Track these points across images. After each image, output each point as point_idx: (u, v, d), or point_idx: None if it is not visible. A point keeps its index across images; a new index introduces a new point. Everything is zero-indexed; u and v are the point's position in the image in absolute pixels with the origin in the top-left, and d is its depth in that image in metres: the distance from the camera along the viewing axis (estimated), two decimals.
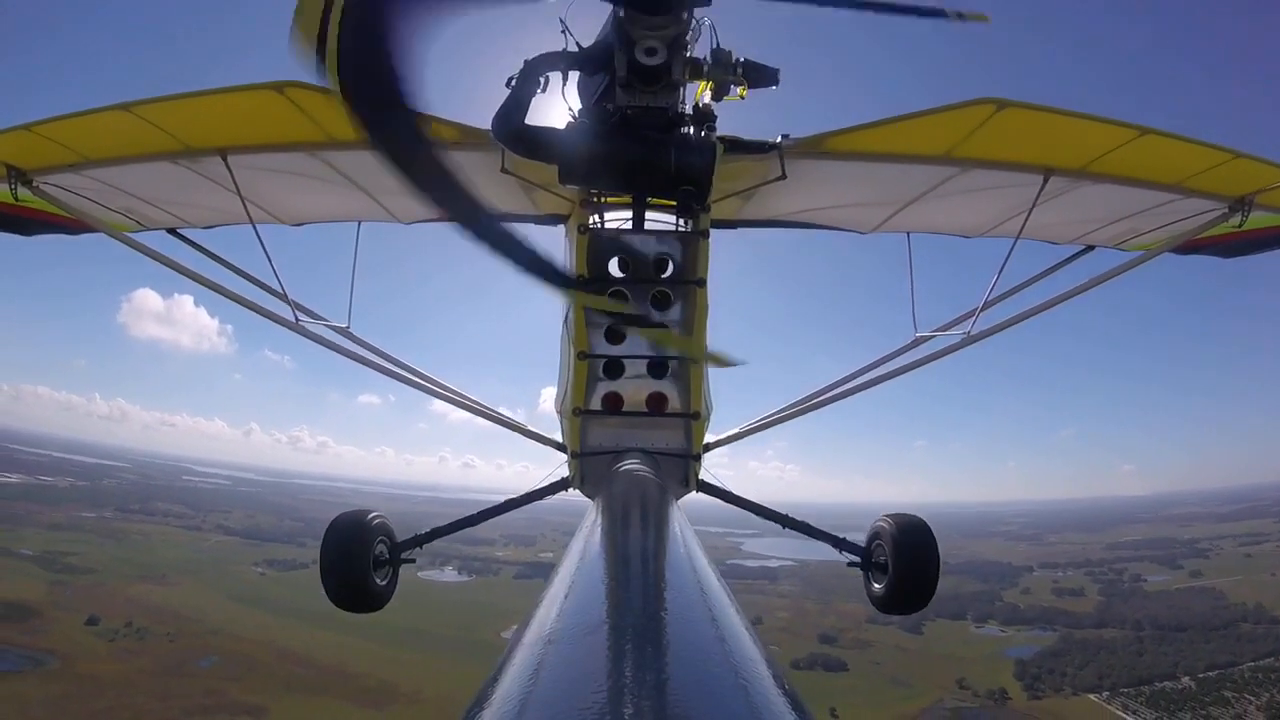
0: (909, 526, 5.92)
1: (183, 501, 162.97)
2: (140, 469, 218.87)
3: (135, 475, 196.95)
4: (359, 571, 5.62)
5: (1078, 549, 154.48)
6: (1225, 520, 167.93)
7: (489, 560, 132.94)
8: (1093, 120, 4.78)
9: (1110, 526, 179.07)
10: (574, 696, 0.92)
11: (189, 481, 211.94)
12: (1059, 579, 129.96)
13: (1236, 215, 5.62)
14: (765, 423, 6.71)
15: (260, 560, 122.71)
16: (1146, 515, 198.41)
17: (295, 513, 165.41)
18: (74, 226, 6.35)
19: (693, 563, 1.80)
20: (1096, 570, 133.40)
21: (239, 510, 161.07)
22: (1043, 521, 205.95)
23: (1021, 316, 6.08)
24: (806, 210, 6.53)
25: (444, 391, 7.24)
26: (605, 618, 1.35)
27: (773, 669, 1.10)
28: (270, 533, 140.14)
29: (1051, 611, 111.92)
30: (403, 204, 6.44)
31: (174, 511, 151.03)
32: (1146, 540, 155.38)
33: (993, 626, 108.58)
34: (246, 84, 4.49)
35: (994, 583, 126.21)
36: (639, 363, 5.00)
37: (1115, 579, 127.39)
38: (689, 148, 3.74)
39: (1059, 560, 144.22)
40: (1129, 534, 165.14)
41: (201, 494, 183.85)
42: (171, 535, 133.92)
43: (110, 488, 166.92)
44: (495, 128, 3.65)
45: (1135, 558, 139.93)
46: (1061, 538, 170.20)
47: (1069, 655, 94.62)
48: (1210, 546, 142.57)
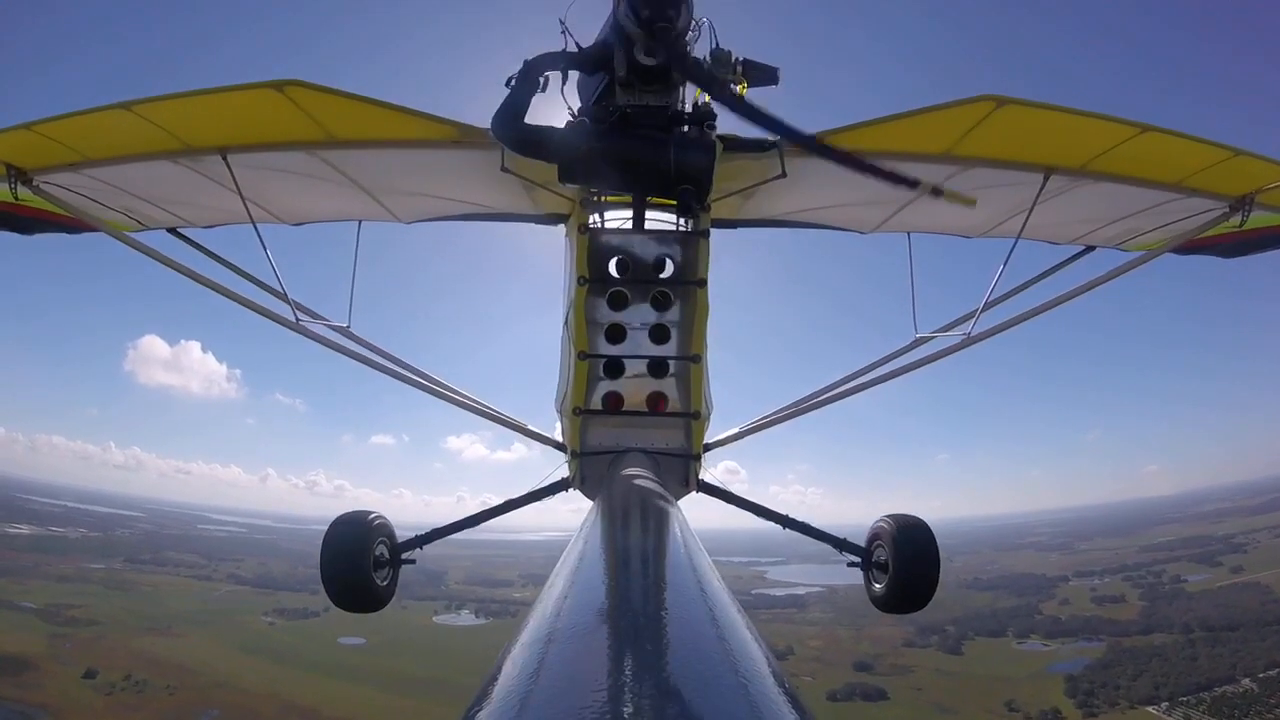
0: (909, 526, 5.92)
1: (196, 550, 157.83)
2: (155, 518, 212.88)
3: (150, 525, 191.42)
4: (360, 572, 5.52)
5: (1111, 555, 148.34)
6: (1257, 513, 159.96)
7: (507, 602, 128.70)
8: (1093, 117, 4.73)
9: (1141, 529, 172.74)
10: (574, 696, 0.91)
11: (204, 530, 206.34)
12: (1097, 586, 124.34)
13: (1237, 215, 5.54)
14: (765, 422, 6.55)
15: (270, 609, 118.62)
16: (1176, 515, 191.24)
17: (309, 559, 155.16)
18: (74, 226, 6.26)
19: (693, 563, 1.78)
20: (1134, 574, 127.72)
21: (252, 558, 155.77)
22: (1072, 529, 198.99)
23: (1022, 317, 6.03)
24: (806, 210, 6.45)
25: (445, 391, 6.89)
26: (605, 617, 1.34)
27: (773, 668, 1.09)
28: (283, 580, 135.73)
29: (1095, 621, 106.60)
30: (403, 203, 6.42)
31: (186, 561, 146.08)
32: (1180, 540, 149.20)
33: (1035, 641, 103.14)
34: (246, 83, 4.41)
35: (1030, 596, 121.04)
36: (639, 362, 4.99)
37: (1155, 582, 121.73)
38: (688, 146, 3.76)
39: (1094, 568, 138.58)
40: (1161, 535, 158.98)
41: (215, 542, 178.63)
42: (181, 585, 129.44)
43: (123, 538, 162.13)
44: (495, 127, 3.67)
45: (1171, 559, 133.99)
46: (1093, 544, 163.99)
47: (1119, 666, 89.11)
48: (1247, 540, 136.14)
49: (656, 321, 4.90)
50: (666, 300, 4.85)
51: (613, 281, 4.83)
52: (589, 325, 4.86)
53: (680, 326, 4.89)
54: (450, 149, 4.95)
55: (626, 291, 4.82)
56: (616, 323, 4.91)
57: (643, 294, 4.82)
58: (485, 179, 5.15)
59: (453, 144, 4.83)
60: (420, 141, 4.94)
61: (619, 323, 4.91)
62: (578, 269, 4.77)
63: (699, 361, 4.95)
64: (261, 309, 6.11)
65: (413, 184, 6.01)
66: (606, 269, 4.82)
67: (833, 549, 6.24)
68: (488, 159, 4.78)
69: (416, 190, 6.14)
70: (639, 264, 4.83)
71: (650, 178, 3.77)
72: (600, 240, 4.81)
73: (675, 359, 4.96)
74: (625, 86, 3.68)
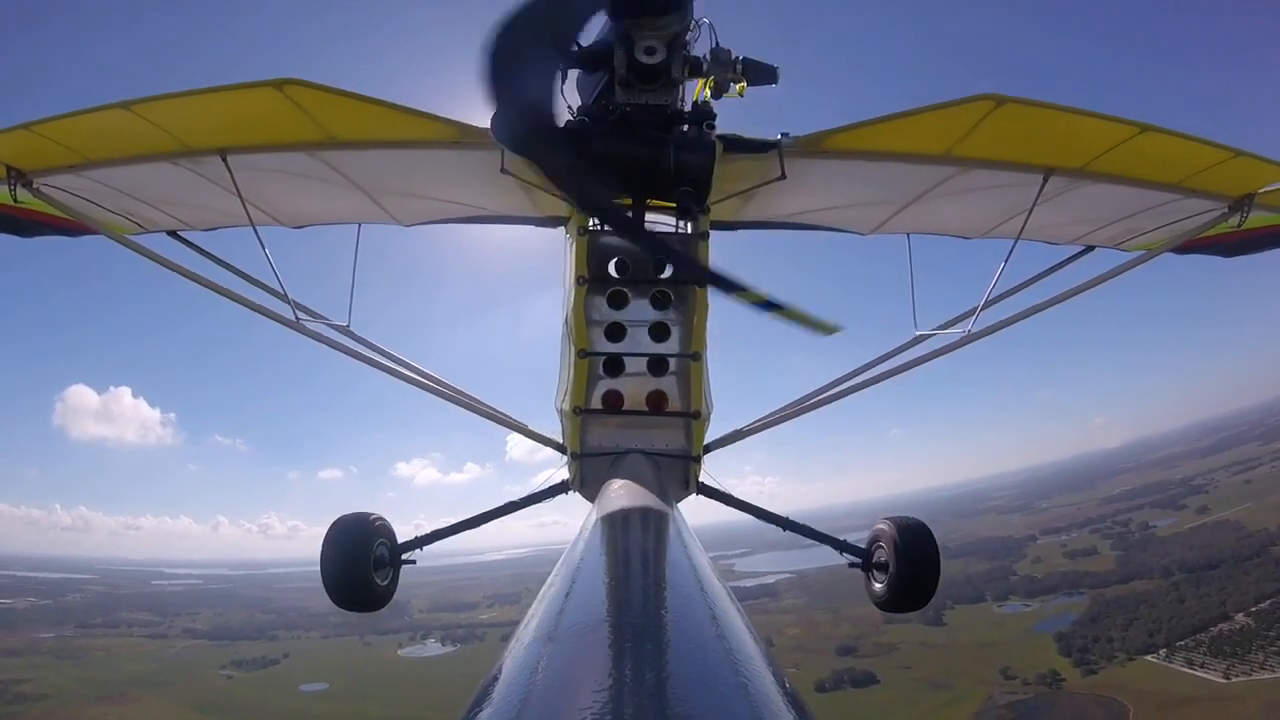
0: (909, 528, 5.94)
1: (149, 608, 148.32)
2: (108, 579, 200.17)
3: (102, 586, 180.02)
4: (360, 572, 5.53)
5: (1073, 510, 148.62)
6: (1210, 453, 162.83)
7: (473, 626, 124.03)
8: (1093, 117, 4.70)
9: (1098, 481, 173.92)
10: (574, 695, 0.91)
11: (158, 586, 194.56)
12: (1066, 542, 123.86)
13: (1236, 215, 5.52)
14: (766, 422, 6.38)
15: (228, 662, 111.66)
16: (1130, 464, 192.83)
17: (268, 604, 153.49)
18: (74, 228, 6.08)
19: (692, 563, 1.77)
20: (1101, 526, 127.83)
21: (208, 610, 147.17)
22: (1029, 489, 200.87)
23: (1021, 315, 5.98)
24: (806, 211, 6.34)
25: (445, 390, 6.73)
26: (605, 617, 1.34)
27: (773, 668, 1.08)
28: (240, 630, 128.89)
29: (1072, 575, 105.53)
30: (403, 205, 6.35)
31: (139, 620, 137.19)
32: (1139, 489, 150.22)
33: (1016, 603, 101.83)
34: (245, 82, 4.38)
35: (1001, 558, 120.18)
36: (639, 360, 4.93)
37: (1124, 531, 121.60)
38: (688, 145, 3.79)
39: (1058, 524, 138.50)
40: (1119, 485, 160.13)
41: (169, 597, 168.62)
42: (135, 646, 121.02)
43: (74, 603, 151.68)
44: (495, 127, 3.59)
45: (1134, 507, 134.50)
46: (1053, 502, 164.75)
47: (1108, 619, 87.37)
48: (1206, 481, 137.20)
49: (656, 319, 4.80)
50: (666, 299, 4.77)
51: (612, 281, 4.74)
52: (588, 324, 4.77)
53: (680, 324, 4.81)
54: (450, 150, 4.88)
55: (626, 291, 4.74)
56: (616, 321, 4.79)
57: (642, 293, 4.74)
58: (485, 181, 5.14)
59: (453, 144, 4.80)
60: (420, 142, 4.86)
61: (619, 321, 4.79)
62: (577, 269, 4.68)
63: (699, 359, 4.85)
64: (262, 309, 6.01)
65: (412, 186, 5.89)
66: (606, 269, 4.73)
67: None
68: (488, 160, 4.74)
69: (416, 192, 6.03)
70: (639, 265, 4.75)
71: (650, 177, 3.77)
72: (600, 242, 4.70)
73: (675, 356, 4.87)
74: (625, 85, 3.66)
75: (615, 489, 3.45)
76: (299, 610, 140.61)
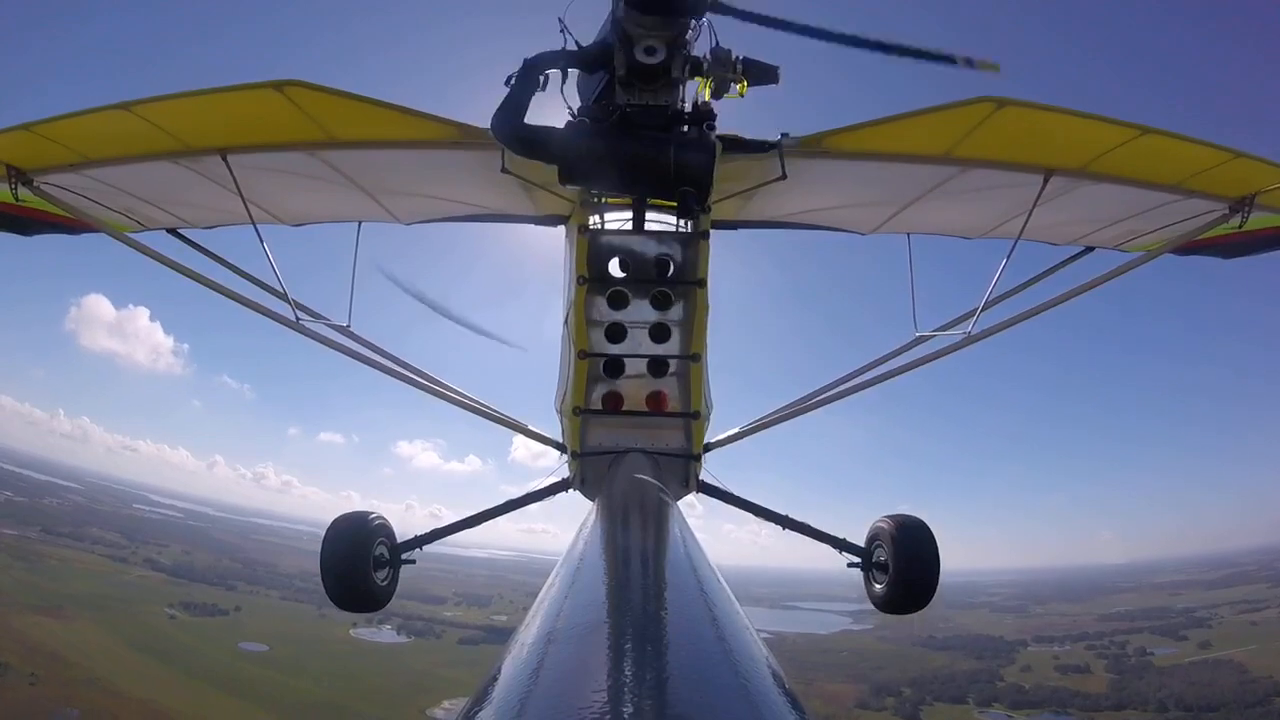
0: (908, 526, 5.80)
1: (121, 529, 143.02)
2: (91, 492, 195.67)
3: (82, 498, 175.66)
4: (360, 572, 5.42)
5: (1068, 620, 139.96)
6: (1215, 587, 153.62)
7: (434, 620, 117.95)
8: (1093, 119, 4.63)
9: (1096, 595, 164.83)
10: (574, 695, 0.90)
11: (137, 510, 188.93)
12: (1059, 654, 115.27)
13: (1237, 216, 5.43)
14: (766, 422, 6.37)
15: (177, 601, 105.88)
16: (1129, 584, 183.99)
17: (239, 552, 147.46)
18: (74, 226, 6.13)
19: (693, 563, 1.77)
20: (1096, 644, 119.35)
21: (177, 545, 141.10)
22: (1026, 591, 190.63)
23: (1022, 317, 5.91)
24: (806, 211, 6.31)
25: (445, 390, 6.71)
26: (605, 617, 1.32)
27: (772, 668, 1.07)
28: (201, 573, 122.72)
29: (1062, 692, 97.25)
30: (403, 204, 6.31)
31: (106, 539, 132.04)
32: (1140, 610, 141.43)
33: (999, 711, 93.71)
34: (245, 83, 4.35)
35: (989, 659, 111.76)
36: (639, 361, 4.91)
37: (1120, 654, 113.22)
38: (688, 145, 3.73)
39: (1053, 634, 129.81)
40: (1117, 603, 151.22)
41: (144, 523, 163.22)
42: (92, 564, 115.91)
43: (48, 507, 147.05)
44: (495, 127, 3.64)
45: (1133, 629, 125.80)
46: (1047, 608, 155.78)
47: None
48: (1210, 615, 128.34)
49: (657, 320, 4.77)
50: (667, 300, 4.74)
51: (613, 281, 4.72)
52: (589, 324, 4.75)
53: (680, 325, 4.80)
54: (450, 149, 4.81)
55: (626, 291, 4.71)
56: (616, 322, 4.77)
57: (643, 293, 4.71)
58: (485, 180, 5.07)
59: (453, 144, 4.73)
60: (420, 142, 4.79)
61: (619, 322, 4.77)
62: (577, 269, 4.66)
63: (699, 361, 4.84)
64: (262, 308, 5.98)
65: (412, 184, 5.84)
66: (606, 269, 4.72)
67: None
68: (488, 160, 4.67)
69: (416, 191, 5.97)
70: (639, 264, 4.73)
71: (650, 178, 3.72)
72: (600, 241, 4.71)
73: (675, 358, 4.87)
74: (625, 85, 3.63)
75: (615, 487, 3.51)
76: (266, 566, 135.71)
